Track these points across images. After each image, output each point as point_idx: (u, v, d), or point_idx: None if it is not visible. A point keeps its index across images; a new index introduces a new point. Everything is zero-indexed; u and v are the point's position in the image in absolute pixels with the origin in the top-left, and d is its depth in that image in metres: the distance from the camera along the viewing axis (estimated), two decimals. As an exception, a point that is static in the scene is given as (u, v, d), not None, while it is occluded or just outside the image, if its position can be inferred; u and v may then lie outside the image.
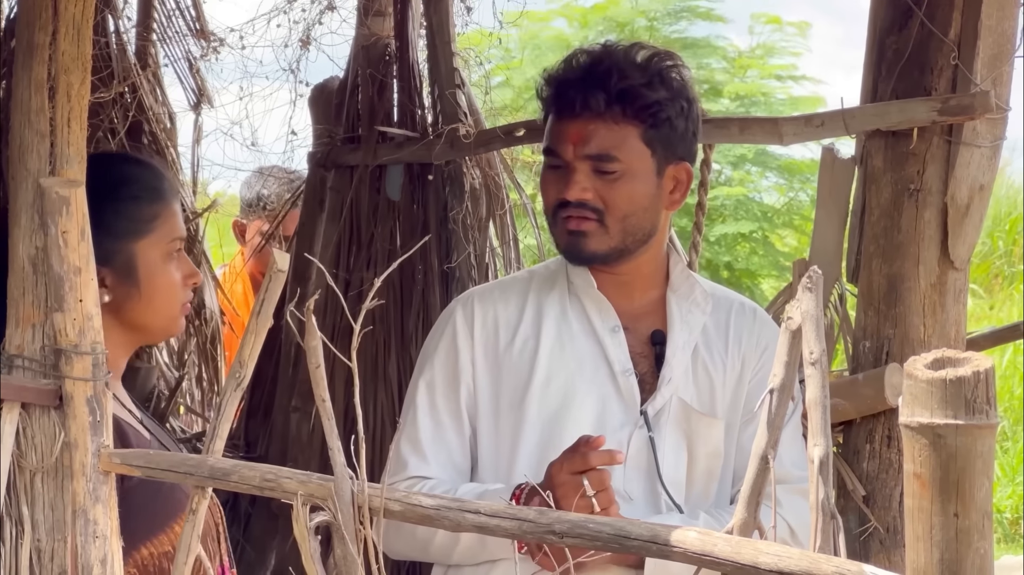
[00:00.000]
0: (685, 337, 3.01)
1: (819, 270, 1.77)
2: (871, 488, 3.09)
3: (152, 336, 2.77)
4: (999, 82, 3.07)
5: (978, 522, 1.52)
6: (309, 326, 1.88)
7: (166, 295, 2.72)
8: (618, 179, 2.92)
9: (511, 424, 2.97)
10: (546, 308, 3.04)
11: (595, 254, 2.96)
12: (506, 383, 3.00)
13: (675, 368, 2.98)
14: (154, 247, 2.71)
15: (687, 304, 3.04)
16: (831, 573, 1.64)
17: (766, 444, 1.79)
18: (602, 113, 2.91)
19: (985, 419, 1.50)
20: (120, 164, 2.86)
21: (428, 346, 3.09)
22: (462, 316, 3.04)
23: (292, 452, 4.35)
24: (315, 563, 1.90)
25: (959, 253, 3.09)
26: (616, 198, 2.92)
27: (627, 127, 2.92)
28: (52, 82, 2.15)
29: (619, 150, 2.91)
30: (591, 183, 2.92)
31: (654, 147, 2.94)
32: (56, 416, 2.15)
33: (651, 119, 2.92)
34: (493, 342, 3.02)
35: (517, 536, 1.88)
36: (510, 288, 3.11)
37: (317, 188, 4.40)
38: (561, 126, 2.96)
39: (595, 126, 2.91)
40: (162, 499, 2.53)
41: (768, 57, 12.94)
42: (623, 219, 2.93)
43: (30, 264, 2.16)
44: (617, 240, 2.95)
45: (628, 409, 2.96)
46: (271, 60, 4.58)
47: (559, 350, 3.00)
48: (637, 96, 2.91)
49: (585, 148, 2.91)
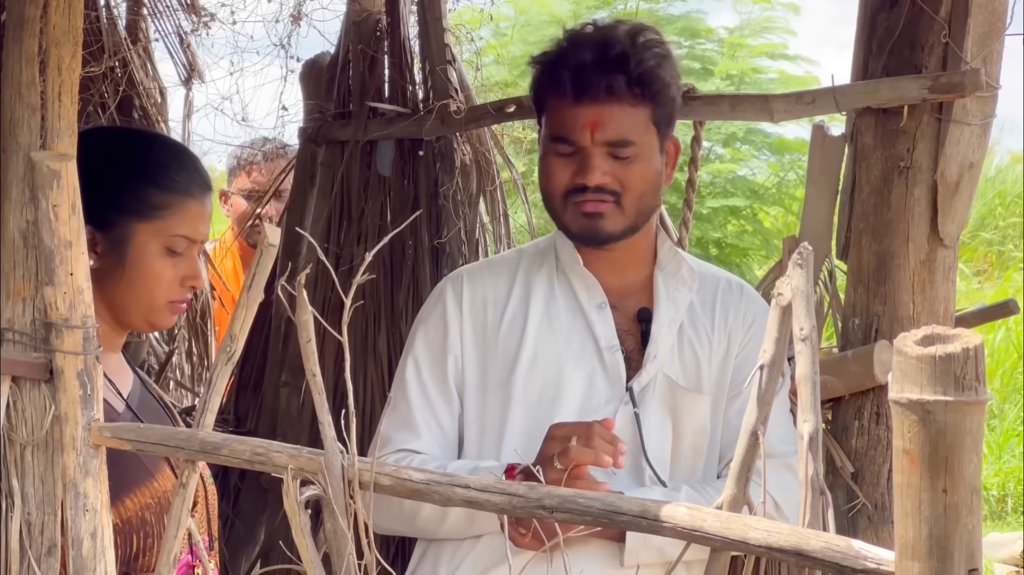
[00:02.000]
0: (671, 314, 3.02)
1: (809, 247, 1.78)
2: (859, 465, 3.10)
3: (132, 320, 2.73)
4: (989, 60, 3.07)
5: (967, 498, 1.53)
6: (300, 300, 1.88)
7: (148, 284, 2.69)
8: (634, 162, 2.93)
9: (499, 400, 2.98)
10: (534, 286, 3.05)
11: (611, 234, 2.97)
12: (494, 360, 3.00)
13: (660, 345, 2.99)
14: (153, 235, 2.69)
15: (674, 282, 3.05)
16: (820, 549, 1.65)
17: (755, 420, 1.79)
18: (619, 97, 2.91)
19: (974, 395, 1.50)
20: (157, 147, 2.83)
21: (418, 323, 3.10)
22: (452, 293, 3.05)
23: (282, 427, 4.35)
24: (305, 537, 1.91)
25: (948, 231, 3.10)
26: (632, 179, 2.93)
27: (643, 110, 2.93)
28: (43, 55, 2.15)
29: (635, 134, 2.92)
30: (609, 167, 2.92)
31: (659, 126, 2.96)
32: (46, 389, 2.15)
33: (662, 99, 2.95)
34: (482, 319, 3.03)
35: (507, 511, 1.88)
36: (499, 267, 3.12)
37: (308, 163, 4.40)
38: (576, 112, 2.93)
39: (612, 111, 2.91)
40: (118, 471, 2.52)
41: (758, 36, 12.92)
42: (638, 199, 2.95)
43: (20, 238, 2.15)
44: (632, 219, 2.97)
45: (614, 385, 2.97)
46: (262, 35, 4.58)
47: (547, 327, 3.01)
48: (654, 79, 2.93)
49: (603, 134, 2.91)
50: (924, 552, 1.54)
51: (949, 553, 1.53)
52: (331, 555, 1.91)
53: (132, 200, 2.68)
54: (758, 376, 1.82)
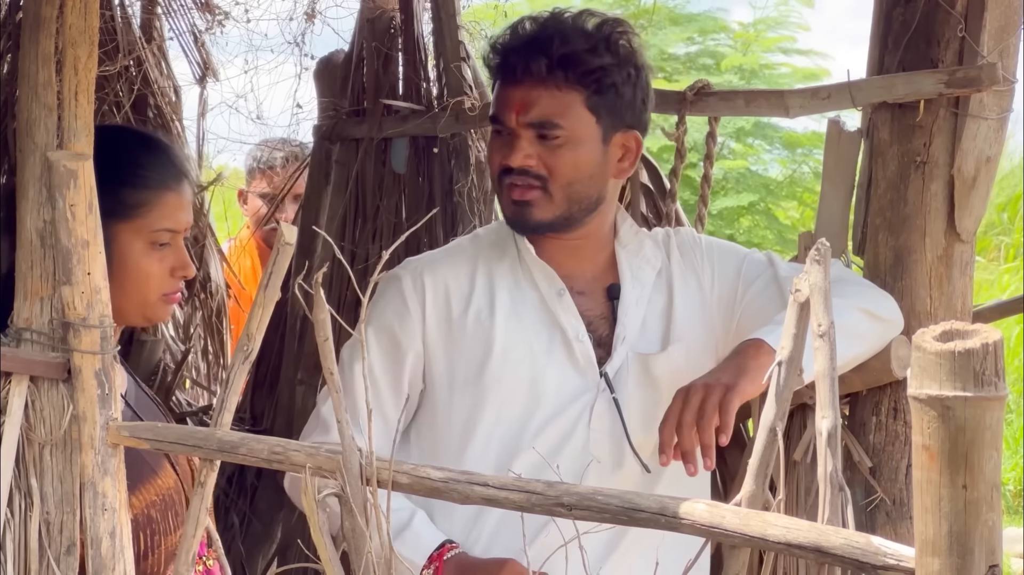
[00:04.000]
0: (637, 294, 3.02)
1: (827, 243, 1.77)
2: (877, 460, 3.09)
3: (127, 317, 2.71)
4: (1006, 54, 3.06)
5: (986, 494, 1.53)
6: (317, 299, 1.88)
7: (137, 283, 2.66)
8: (561, 146, 2.90)
9: (471, 396, 2.95)
10: (497, 277, 3.01)
11: (540, 223, 2.94)
12: (461, 355, 2.96)
13: (628, 327, 2.99)
14: (135, 234, 2.65)
15: (637, 260, 3.04)
16: (840, 545, 1.64)
17: (774, 416, 1.79)
18: (544, 79, 2.89)
19: (994, 391, 1.50)
20: (126, 143, 2.79)
21: (372, 310, 3.01)
22: (411, 285, 2.99)
23: (298, 425, 4.34)
24: (324, 536, 1.91)
25: (966, 225, 3.09)
26: (559, 165, 2.90)
27: (570, 93, 2.90)
28: (59, 55, 2.15)
29: (562, 117, 2.89)
30: (534, 150, 2.90)
31: (599, 114, 2.92)
32: (64, 389, 2.15)
33: (595, 85, 2.90)
34: (445, 313, 2.98)
35: (525, 509, 1.88)
36: (457, 256, 3.07)
37: (322, 161, 4.40)
38: (504, 93, 2.94)
39: (537, 93, 2.90)
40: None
41: (771, 30, 12.91)
42: (567, 186, 2.92)
43: (38, 237, 2.16)
44: (563, 208, 2.93)
45: (587, 373, 2.96)
46: (276, 33, 4.58)
47: (515, 320, 2.98)
48: (579, 62, 2.89)
49: (527, 115, 2.90)
50: (944, 548, 1.54)
51: (969, 549, 1.53)
52: (349, 553, 1.92)
53: (108, 202, 2.64)
54: (776, 372, 1.82)
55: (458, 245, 3.15)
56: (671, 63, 12.27)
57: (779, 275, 3.00)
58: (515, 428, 2.90)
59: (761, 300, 2.98)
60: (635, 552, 2.88)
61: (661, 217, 3.61)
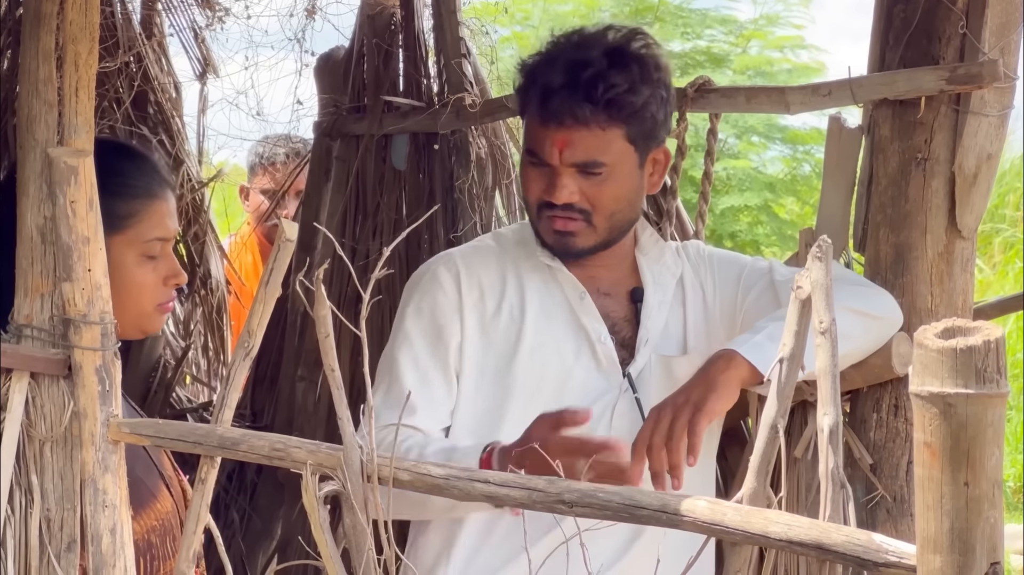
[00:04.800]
0: (659, 297, 3.06)
1: (828, 240, 1.77)
2: (878, 457, 3.09)
3: (124, 330, 2.66)
4: (1007, 51, 3.05)
5: (988, 491, 1.52)
6: (318, 295, 1.88)
7: (133, 294, 2.63)
8: (604, 180, 2.92)
9: (496, 390, 2.97)
10: (527, 278, 3.04)
11: (583, 251, 2.99)
12: (493, 350, 2.99)
13: (651, 330, 3.03)
14: (127, 246, 2.62)
15: (658, 267, 3.09)
16: (841, 542, 1.64)
17: (776, 413, 1.79)
18: (587, 122, 2.89)
19: (996, 388, 1.50)
20: (109, 155, 2.73)
21: (409, 305, 3.04)
22: (448, 276, 3.02)
23: (298, 421, 4.36)
24: (325, 532, 1.91)
25: (967, 222, 3.08)
26: (603, 198, 2.93)
27: (612, 131, 2.91)
28: (60, 52, 2.15)
29: (604, 155, 2.91)
30: (577, 186, 2.92)
31: (637, 143, 2.94)
32: (65, 386, 2.15)
33: (635, 119, 2.92)
34: (480, 307, 3.01)
35: (526, 505, 1.88)
36: (485, 254, 3.09)
37: (323, 158, 4.40)
38: (545, 132, 2.92)
39: (581, 134, 2.89)
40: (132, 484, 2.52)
41: (772, 27, 12.90)
42: (610, 217, 2.96)
43: (38, 234, 2.16)
44: (604, 236, 2.98)
45: (610, 374, 2.99)
46: (276, 30, 4.58)
47: (544, 321, 3.01)
48: (624, 105, 2.90)
49: (572, 156, 2.90)
50: (946, 545, 1.54)
51: (971, 546, 1.53)
52: (350, 550, 1.92)
53: None
54: (777, 370, 1.82)
55: (483, 243, 3.18)
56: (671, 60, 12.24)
57: (775, 280, 3.02)
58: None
59: (757, 307, 3.01)
60: (644, 560, 2.88)
61: (662, 214, 3.61)
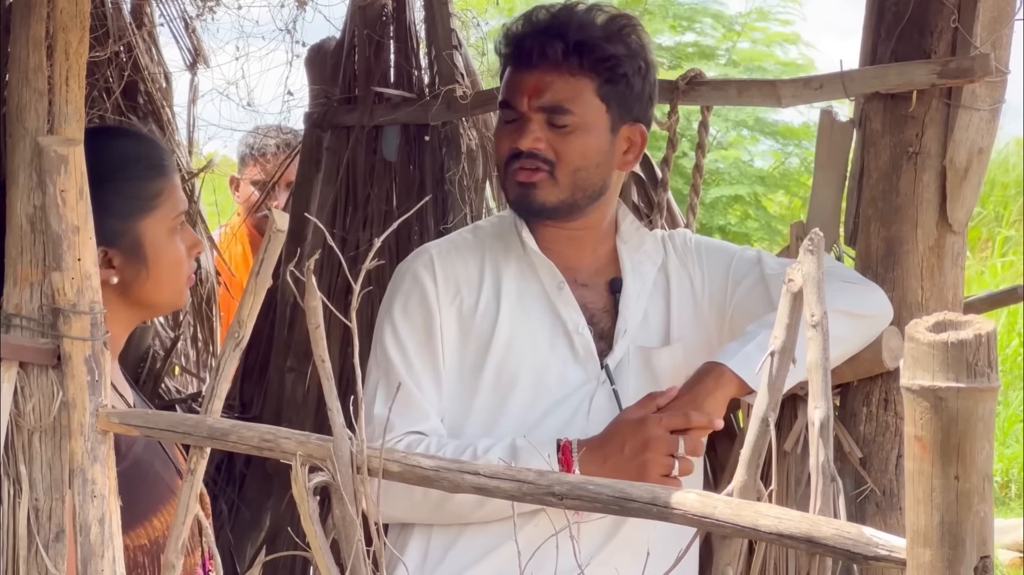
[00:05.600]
0: (638, 288, 3.05)
1: (820, 233, 1.77)
2: (868, 451, 3.09)
3: (158, 311, 2.76)
4: (999, 45, 3.06)
5: (978, 485, 1.52)
6: (309, 286, 1.88)
7: (173, 270, 2.70)
8: (571, 132, 2.93)
9: (475, 384, 2.97)
10: (503, 269, 3.04)
11: (544, 206, 2.96)
12: (470, 344, 2.99)
13: (629, 320, 3.02)
14: (160, 224, 2.68)
15: (638, 255, 3.08)
16: (831, 535, 1.64)
17: (766, 406, 1.79)
18: (559, 64, 2.92)
19: (987, 382, 1.50)
20: (120, 141, 2.80)
21: (392, 305, 3.03)
22: (427, 275, 3.01)
23: (287, 412, 4.35)
24: (314, 524, 1.90)
25: (957, 216, 3.09)
26: (568, 150, 2.93)
27: (583, 79, 2.93)
28: (50, 40, 2.14)
29: (573, 103, 2.93)
30: (544, 134, 2.93)
31: (609, 103, 2.95)
32: (54, 375, 2.14)
33: (607, 73, 2.94)
34: (457, 303, 3.01)
35: (516, 498, 1.88)
36: (463, 247, 3.09)
37: (313, 149, 4.39)
38: (517, 78, 2.97)
39: (551, 77, 2.93)
40: (145, 491, 2.53)
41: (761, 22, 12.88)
42: (574, 172, 2.94)
43: (28, 223, 2.15)
44: (567, 193, 2.96)
45: (588, 365, 2.99)
46: (267, 20, 4.57)
47: (520, 312, 3.00)
48: (594, 48, 2.93)
49: (540, 99, 2.93)
50: (936, 539, 1.54)
51: (961, 540, 1.53)
52: (339, 541, 1.91)
53: (130, 202, 2.66)
54: (768, 363, 1.82)
55: (460, 237, 3.16)
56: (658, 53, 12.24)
57: (766, 273, 3.01)
58: (515, 418, 2.91)
59: (749, 301, 3.01)
60: (626, 552, 2.88)
61: (652, 206, 3.61)
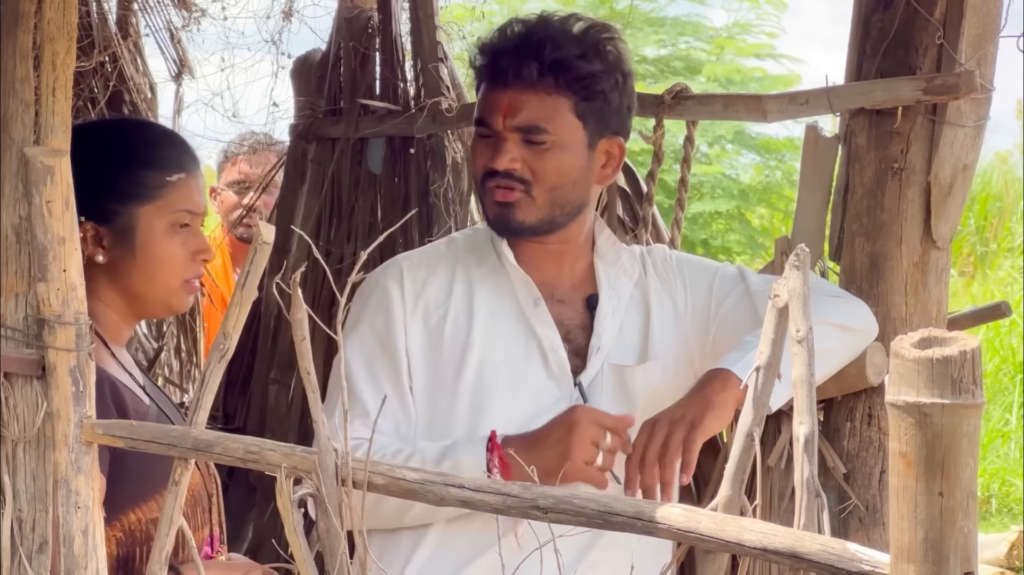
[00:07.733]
0: (613, 304, 3.02)
1: (806, 248, 1.77)
2: (851, 466, 3.09)
3: (151, 307, 2.74)
4: (983, 62, 3.07)
5: (962, 501, 1.53)
6: (295, 298, 1.88)
7: (162, 266, 2.69)
8: (548, 150, 2.90)
9: (448, 401, 2.93)
10: (476, 283, 3.01)
11: (522, 225, 2.94)
12: (440, 360, 2.95)
13: (602, 337, 2.99)
14: (158, 216, 2.68)
15: (614, 271, 3.05)
16: (815, 551, 1.64)
17: (751, 421, 1.79)
18: (534, 84, 2.89)
19: (971, 398, 1.51)
20: (137, 129, 2.85)
21: (357, 317, 3.00)
22: (395, 286, 2.98)
23: (270, 424, 4.34)
24: (298, 536, 1.90)
25: (942, 232, 3.10)
26: (545, 169, 2.90)
27: (559, 99, 2.90)
28: (37, 51, 2.14)
29: (549, 122, 2.89)
30: (520, 153, 2.90)
31: (586, 120, 2.92)
32: (39, 386, 2.14)
33: (584, 91, 2.90)
34: (426, 316, 2.97)
35: (501, 511, 1.88)
36: (435, 260, 3.05)
37: (298, 160, 4.39)
38: (492, 96, 2.93)
39: (526, 97, 2.89)
40: (152, 465, 2.52)
41: (745, 35, 12.93)
42: (551, 191, 2.92)
43: (13, 234, 2.14)
44: (545, 211, 2.93)
45: (562, 383, 2.96)
46: (253, 31, 4.57)
47: (494, 328, 2.97)
48: (570, 67, 2.89)
49: (515, 119, 2.90)
50: (920, 555, 1.54)
51: (944, 556, 1.54)
52: (324, 554, 1.91)
53: (131, 186, 2.68)
54: (753, 378, 1.82)
55: (434, 249, 3.13)
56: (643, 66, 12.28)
57: (752, 290, 2.99)
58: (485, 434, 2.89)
59: (734, 317, 2.98)
60: (604, 566, 2.88)
61: (638, 221, 3.61)
